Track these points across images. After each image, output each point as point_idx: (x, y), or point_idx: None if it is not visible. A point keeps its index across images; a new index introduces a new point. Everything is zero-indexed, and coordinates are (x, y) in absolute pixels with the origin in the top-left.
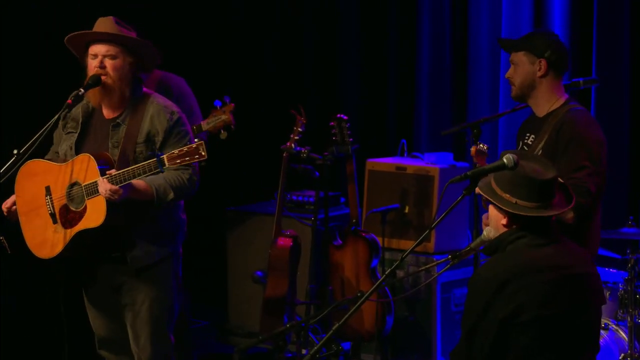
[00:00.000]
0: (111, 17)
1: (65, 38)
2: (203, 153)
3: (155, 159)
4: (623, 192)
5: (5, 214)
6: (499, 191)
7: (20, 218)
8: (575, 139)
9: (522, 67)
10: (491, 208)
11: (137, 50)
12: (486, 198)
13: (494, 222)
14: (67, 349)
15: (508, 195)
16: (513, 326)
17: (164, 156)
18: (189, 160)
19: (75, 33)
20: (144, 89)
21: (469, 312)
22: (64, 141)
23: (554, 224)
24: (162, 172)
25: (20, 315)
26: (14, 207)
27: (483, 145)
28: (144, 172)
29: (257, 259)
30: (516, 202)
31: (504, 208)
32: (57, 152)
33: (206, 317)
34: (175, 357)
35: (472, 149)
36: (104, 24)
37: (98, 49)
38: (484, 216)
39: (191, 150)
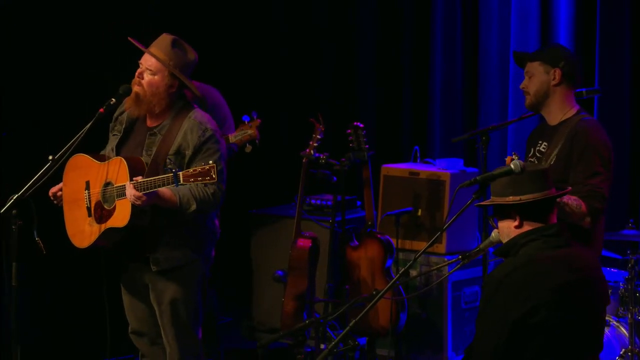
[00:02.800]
0: (171, 38)
1: (129, 38)
2: (214, 176)
3: (172, 174)
4: (624, 196)
5: (51, 198)
6: (501, 200)
7: (63, 206)
8: (590, 146)
9: (537, 77)
10: (500, 223)
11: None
12: (492, 206)
13: (506, 232)
14: (109, 336)
15: (511, 197)
16: (526, 327)
17: (180, 173)
18: (201, 180)
19: (132, 40)
20: (193, 104)
21: (484, 313)
22: (110, 142)
23: (565, 228)
24: (177, 187)
25: (65, 306)
26: (60, 193)
27: (515, 155)
28: (163, 184)
29: (279, 259)
30: (520, 198)
31: (512, 203)
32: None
33: (230, 314)
34: (204, 352)
35: (507, 159)
36: (160, 42)
37: (144, 59)
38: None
39: (204, 171)
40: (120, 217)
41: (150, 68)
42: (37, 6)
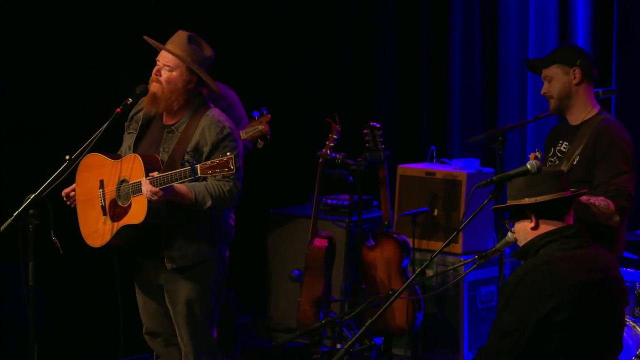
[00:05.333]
0: (187, 34)
1: (144, 37)
2: (232, 167)
3: (189, 167)
4: None
5: (64, 198)
6: (516, 202)
7: (77, 206)
8: (614, 146)
9: (557, 79)
10: (516, 225)
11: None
12: (507, 208)
13: (523, 234)
14: (122, 335)
15: (526, 199)
16: (547, 327)
17: (197, 165)
18: (219, 172)
19: (148, 39)
20: (209, 103)
21: (505, 312)
22: (125, 140)
23: (584, 229)
24: (195, 179)
25: (79, 306)
26: (73, 193)
27: (538, 152)
28: (180, 178)
29: (295, 258)
30: (535, 199)
31: (527, 204)
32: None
33: (247, 313)
34: (220, 352)
35: (531, 155)
36: (176, 38)
37: (161, 56)
38: None
39: (222, 163)
40: (136, 213)
41: (168, 64)
42: (48, 6)
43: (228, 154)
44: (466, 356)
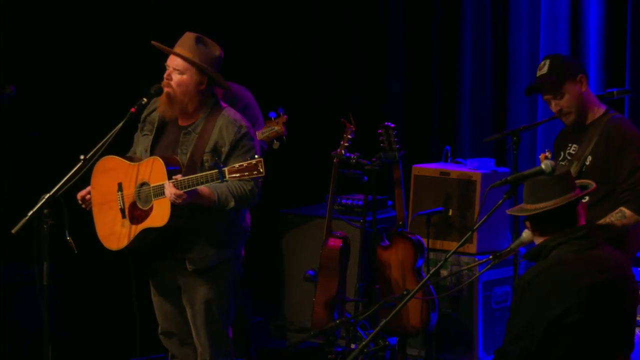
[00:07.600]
0: (194, 35)
1: (152, 42)
2: (261, 170)
3: (217, 170)
4: None
5: (79, 202)
6: (530, 207)
7: (93, 209)
8: (627, 142)
9: (572, 93)
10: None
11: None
12: (519, 215)
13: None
14: (138, 334)
15: (543, 204)
16: (558, 329)
17: (225, 169)
18: (247, 175)
19: (157, 44)
20: (222, 103)
21: (516, 315)
22: (141, 143)
23: (594, 229)
24: (222, 182)
25: (94, 305)
26: (88, 196)
27: (548, 153)
28: (206, 181)
29: (309, 258)
30: (544, 205)
31: (545, 210)
32: (135, 152)
33: (261, 313)
34: (234, 352)
35: (541, 156)
36: (184, 41)
37: (170, 61)
38: None
39: (250, 166)
40: (159, 216)
41: (178, 68)
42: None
43: (256, 156)
44: (480, 356)
